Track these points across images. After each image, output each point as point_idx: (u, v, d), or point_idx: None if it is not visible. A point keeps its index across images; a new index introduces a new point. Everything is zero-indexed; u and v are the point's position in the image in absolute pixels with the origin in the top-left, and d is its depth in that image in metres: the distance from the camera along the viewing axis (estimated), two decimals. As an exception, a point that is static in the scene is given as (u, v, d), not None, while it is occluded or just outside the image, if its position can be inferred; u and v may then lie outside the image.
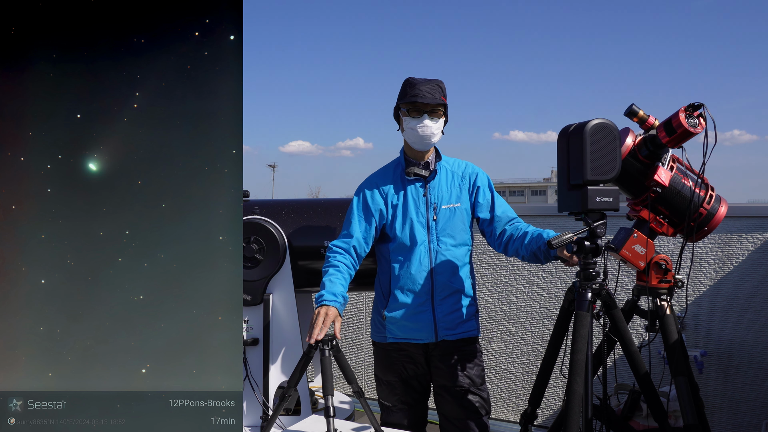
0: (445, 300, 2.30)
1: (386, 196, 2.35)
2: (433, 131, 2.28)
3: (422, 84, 2.27)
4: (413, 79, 2.30)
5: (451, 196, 2.34)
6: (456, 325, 2.31)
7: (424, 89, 2.25)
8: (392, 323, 2.34)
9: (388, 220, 2.34)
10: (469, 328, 2.35)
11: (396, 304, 2.32)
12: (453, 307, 2.31)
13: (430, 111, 2.27)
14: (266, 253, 2.66)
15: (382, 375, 2.43)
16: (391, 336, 2.35)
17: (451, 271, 2.31)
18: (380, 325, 2.39)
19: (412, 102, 2.26)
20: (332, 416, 1.93)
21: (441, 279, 2.30)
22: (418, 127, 2.27)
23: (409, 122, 2.28)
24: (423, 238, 2.30)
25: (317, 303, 2.12)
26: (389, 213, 2.34)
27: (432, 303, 2.30)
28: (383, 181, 2.38)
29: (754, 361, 3.04)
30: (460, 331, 2.32)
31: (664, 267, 2.33)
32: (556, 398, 3.45)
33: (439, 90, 2.28)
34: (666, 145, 2.26)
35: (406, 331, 2.33)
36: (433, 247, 2.30)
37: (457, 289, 2.32)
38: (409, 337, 2.33)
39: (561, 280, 3.47)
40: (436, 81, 2.29)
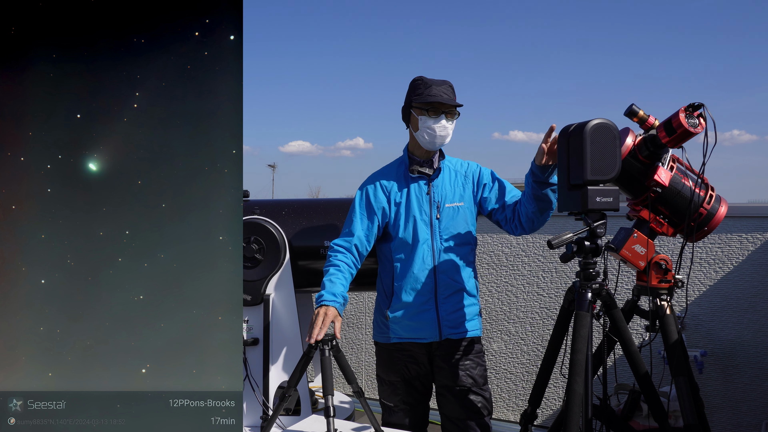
0: (449, 299, 2.30)
1: (389, 194, 2.35)
2: (449, 132, 2.30)
3: (438, 84, 2.27)
4: (427, 79, 2.30)
5: (455, 194, 2.35)
6: (459, 324, 2.31)
7: (440, 90, 2.26)
8: (396, 323, 2.33)
9: (391, 218, 2.34)
10: (473, 327, 2.35)
11: (399, 303, 2.31)
12: (456, 306, 2.31)
13: (448, 112, 2.28)
14: (266, 253, 2.66)
15: (384, 375, 2.43)
16: (395, 336, 2.35)
17: (455, 269, 2.31)
18: (383, 326, 2.38)
19: (431, 102, 2.26)
20: (332, 416, 1.93)
21: (444, 277, 2.29)
22: (436, 127, 2.27)
23: (426, 121, 2.28)
24: (426, 236, 2.30)
25: (317, 303, 2.12)
26: (392, 211, 2.34)
27: (435, 302, 2.29)
28: (386, 179, 2.38)
29: (754, 361, 3.04)
30: (464, 330, 2.32)
31: (664, 267, 2.33)
32: (556, 398, 3.45)
33: (453, 91, 2.30)
34: (666, 145, 2.26)
35: (410, 331, 2.32)
36: (436, 246, 2.30)
37: (460, 288, 2.31)
38: (412, 337, 2.33)
39: (561, 280, 3.47)
40: (448, 82, 2.31)
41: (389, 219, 2.34)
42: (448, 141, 2.32)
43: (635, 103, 2.32)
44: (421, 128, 2.30)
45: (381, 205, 2.34)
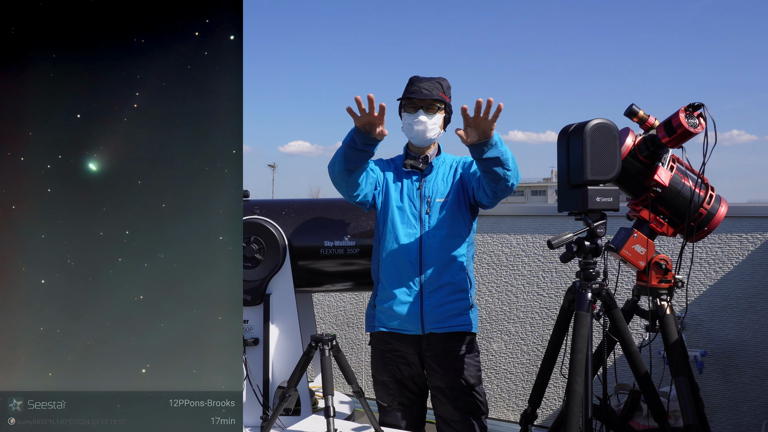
0: (434, 293, 2.30)
1: (385, 174, 2.41)
2: (427, 126, 2.30)
3: (422, 81, 2.30)
4: (415, 77, 2.33)
5: (447, 189, 2.36)
6: (445, 319, 2.31)
7: (422, 86, 2.29)
8: (381, 312, 2.36)
9: (379, 203, 2.38)
10: (461, 322, 2.33)
11: (385, 293, 2.34)
12: (442, 301, 2.31)
13: (426, 107, 2.29)
14: (266, 253, 2.66)
15: (377, 375, 2.43)
16: (380, 324, 2.36)
17: (442, 264, 2.31)
18: (371, 316, 2.42)
19: (408, 98, 2.30)
20: (332, 416, 1.93)
21: (430, 272, 2.30)
22: (414, 122, 2.30)
23: (406, 118, 2.33)
24: (415, 230, 2.32)
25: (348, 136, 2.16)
26: (382, 192, 2.38)
27: (420, 295, 2.30)
28: (384, 167, 2.44)
29: (754, 361, 3.04)
30: (449, 325, 2.31)
31: (664, 267, 2.33)
32: (556, 398, 3.45)
33: (439, 87, 2.30)
34: (666, 145, 2.26)
35: (394, 322, 2.34)
36: (424, 240, 2.31)
37: (447, 282, 2.31)
38: (396, 328, 2.34)
39: (561, 280, 3.47)
40: (437, 78, 2.31)
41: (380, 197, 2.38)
42: (432, 136, 2.33)
43: (635, 103, 2.32)
44: (403, 124, 2.36)
45: (377, 174, 2.40)
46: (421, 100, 2.29)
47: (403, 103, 2.33)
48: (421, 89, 2.28)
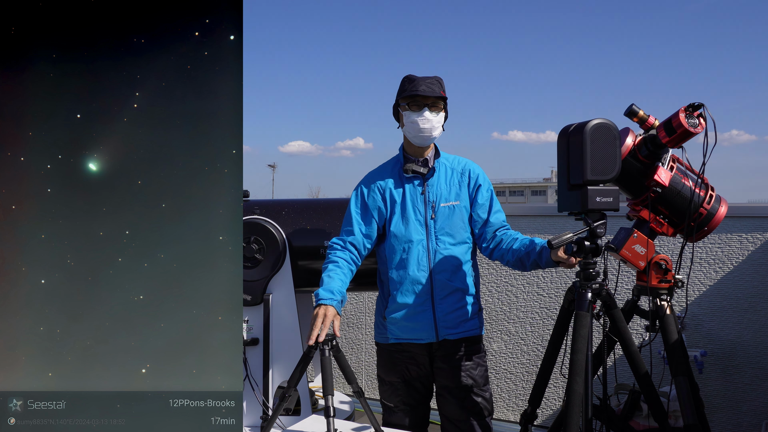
0: (446, 299, 2.29)
1: (384, 193, 2.35)
2: (433, 124, 2.28)
3: (421, 79, 2.28)
4: (412, 75, 2.31)
5: (450, 193, 2.33)
6: (457, 324, 2.30)
7: (423, 83, 2.27)
8: (393, 324, 2.33)
9: (387, 218, 2.34)
10: (472, 327, 2.34)
11: (395, 304, 2.31)
12: (454, 306, 2.30)
13: (431, 104, 2.27)
14: (266, 253, 2.66)
15: (384, 376, 2.42)
16: (393, 336, 2.35)
17: (451, 269, 2.30)
18: (382, 327, 2.38)
19: (412, 95, 2.26)
20: (332, 416, 1.93)
21: (440, 278, 2.29)
22: (419, 120, 2.26)
23: (410, 116, 2.28)
24: (421, 237, 2.29)
25: (315, 301, 2.12)
26: (388, 210, 2.34)
27: (432, 302, 2.29)
28: (381, 179, 2.38)
29: (754, 361, 3.04)
30: (462, 330, 2.31)
31: (664, 267, 2.33)
32: (556, 398, 3.45)
33: (439, 84, 2.29)
34: (666, 145, 2.26)
35: (407, 332, 2.32)
36: (431, 246, 2.29)
37: (457, 288, 2.31)
38: (410, 338, 2.33)
39: (561, 280, 3.47)
40: (435, 77, 2.30)
41: (386, 217, 2.34)
42: (437, 134, 2.31)
43: (635, 103, 2.32)
44: (406, 123, 2.31)
45: (377, 204, 2.34)
46: (425, 98, 2.27)
47: (406, 102, 2.29)
48: (424, 87, 2.26)
